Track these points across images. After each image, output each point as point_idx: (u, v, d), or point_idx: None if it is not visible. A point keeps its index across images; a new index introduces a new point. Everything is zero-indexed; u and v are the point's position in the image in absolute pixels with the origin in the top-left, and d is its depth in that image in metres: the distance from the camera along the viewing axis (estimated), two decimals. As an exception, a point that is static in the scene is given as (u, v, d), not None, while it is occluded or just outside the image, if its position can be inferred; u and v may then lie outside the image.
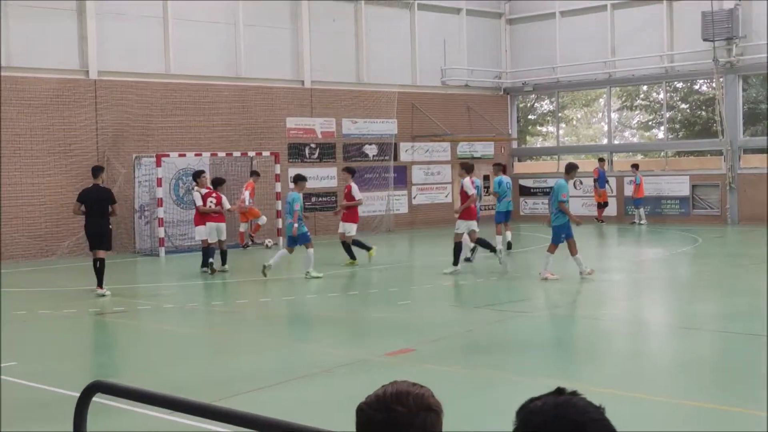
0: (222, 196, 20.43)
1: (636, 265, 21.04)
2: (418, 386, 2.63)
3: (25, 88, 24.18)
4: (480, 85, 35.65)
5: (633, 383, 9.41)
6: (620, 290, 17.21)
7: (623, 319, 13.97)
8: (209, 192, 20.23)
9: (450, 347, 11.53)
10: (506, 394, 8.79)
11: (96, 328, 13.97)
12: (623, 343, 12.09)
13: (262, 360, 11.07)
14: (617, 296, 16.45)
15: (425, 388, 2.63)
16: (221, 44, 28.40)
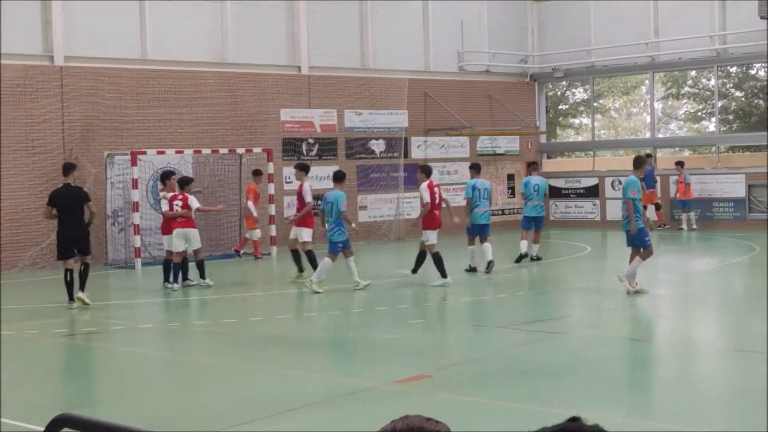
0: (189, 196, 20.25)
1: (683, 278, 21.00)
2: (433, 422, 2.63)
3: (-20, 77, 24.25)
4: (503, 70, 35.65)
5: (679, 415, 9.38)
6: (664, 307, 17.16)
7: (668, 340, 13.94)
8: (175, 195, 20.19)
9: (469, 374, 11.52)
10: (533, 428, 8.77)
11: (63, 351, 13.99)
12: (668, 369, 12.06)
13: (251, 389, 11.06)
14: (661, 314, 16.41)
15: (441, 424, 2.63)
16: (205, 25, 28.45)
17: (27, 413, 9.82)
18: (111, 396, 10.95)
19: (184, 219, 20.09)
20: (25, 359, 13.39)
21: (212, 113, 28.12)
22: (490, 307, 17.27)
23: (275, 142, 29.27)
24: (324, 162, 30.57)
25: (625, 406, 9.97)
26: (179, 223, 20.03)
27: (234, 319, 16.41)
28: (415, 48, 33.17)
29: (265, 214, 27.62)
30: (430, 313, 16.73)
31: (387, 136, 32.13)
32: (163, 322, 16.65)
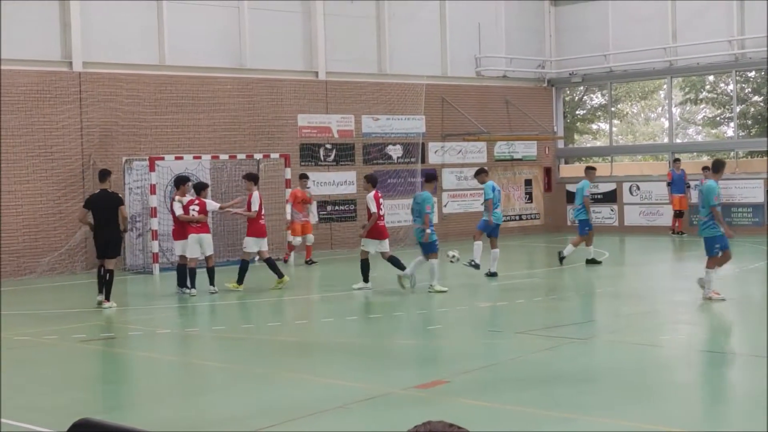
0: (206, 201, 20.37)
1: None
2: (455, 427, 2.60)
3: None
4: (520, 75, 35.60)
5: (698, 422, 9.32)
6: (684, 312, 17.08)
7: (686, 346, 13.87)
8: (191, 200, 20.20)
9: (489, 379, 11.47)
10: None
11: (81, 356, 14.01)
12: (686, 375, 11.99)
13: (269, 395, 11.05)
14: (681, 319, 16.33)
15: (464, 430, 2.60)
16: (222, 31, 28.50)
17: (45, 418, 9.84)
18: (130, 401, 10.96)
19: (199, 224, 20.09)
20: (43, 364, 13.42)
21: (230, 119, 28.15)
22: (508, 313, 17.21)
23: (293, 147, 29.28)
24: (341, 168, 30.57)
25: (644, 412, 9.90)
26: (195, 229, 20.01)
27: (251, 324, 16.41)
28: (432, 53, 33.16)
29: (281, 219, 27.64)
30: (447, 319, 16.68)
31: (404, 142, 32.11)
32: (181, 328, 16.67)
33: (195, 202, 20.10)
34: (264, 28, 29.10)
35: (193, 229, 20.02)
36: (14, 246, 24.47)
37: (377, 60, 31.90)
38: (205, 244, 20.11)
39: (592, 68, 35.44)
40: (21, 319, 17.72)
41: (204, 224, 20.23)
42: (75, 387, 11.84)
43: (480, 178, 22.30)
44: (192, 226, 20.02)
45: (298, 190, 25.96)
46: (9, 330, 15.99)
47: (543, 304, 17.90)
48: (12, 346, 14.67)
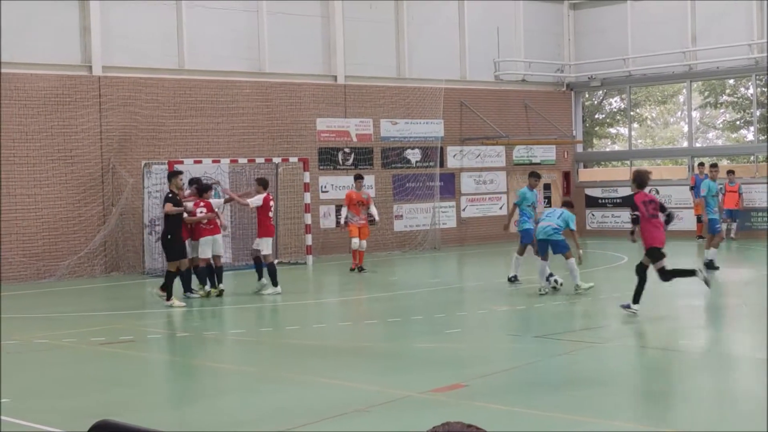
0: (210, 201, 20.37)
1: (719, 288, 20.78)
2: (474, 428, 2.59)
3: (19, 87, 24.46)
4: (539, 79, 35.56)
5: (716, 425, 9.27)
6: (702, 317, 17.01)
7: (704, 350, 13.81)
8: (197, 203, 20.12)
9: (506, 383, 11.45)
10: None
11: (100, 359, 14.04)
12: (705, 380, 11.93)
13: (287, 397, 11.05)
14: (698, 324, 16.26)
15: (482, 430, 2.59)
16: (242, 35, 28.57)
17: (65, 420, 9.86)
18: (149, 403, 10.97)
19: (211, 226, 20.07)
20: (62, 367, 13.46)
21: (249, 123, 28.21)
22: (527, 317, 17.17)
23: (311, 151, 29.31)
24: (360, 171, 30.51)
25: (662, 416, 9.86)
26: (207, 231, 19.99)
27: (270, 327, 16.43)
28: (451, 57, 33.15)
29: (300, 223, 27.70)
30: (466, 322, 16.65)
31: (423, 146, 32.11)
32: (200, 331, 16.69)
33: (201, 204, 20.07)
34: (283, 32, 29.15)
35: (207, 231, 19.98)
36: (34, 249, 24.57)
37: (396, 64, 31.91)
38: (216, 244, 20.10)
39: (611, 72, 35.37)
40: (40, 321, 17.80)
41: (215, 226, 20.18)
42: (94, 389, 11.86)
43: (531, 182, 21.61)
44: (205, 228, 20.00)
45: (353, 192, 25.32)
46: (28, 333, 16.07)
47: (561, 308, 17.84)
48: (31, 348, 14.73)
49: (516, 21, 34.79)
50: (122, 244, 25.58)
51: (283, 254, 27.77)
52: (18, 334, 15.93)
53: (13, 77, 24.42)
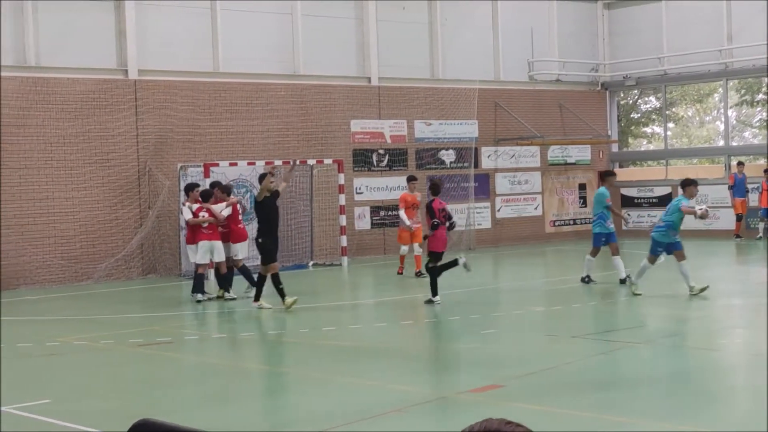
0: (212, 207, 20.20)
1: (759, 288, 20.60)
2: (513, 425, 2.57)
3: (56, 91, 24.64)
4: (573, 79, 35.41)
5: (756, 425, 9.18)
6: (740, 317, 16.87)
7: (742, 350, 13.69)
8: (199, 208, 20.11)
9: (544, 383, 11.39)
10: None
11: (138, 361, 14.12)
12: (743, 380, 11.83)
13: (325, 398, 11.06)
14: (737, 324, 16.13)
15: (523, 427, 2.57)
16: (276, 38, 28.63)
17: (104, 420, 9.92)
18: (187, 404, 11.01)
19: (210, 231, 20.01)
20: (101, 368, 13.54)
21: (283, 125, 28.26)
22: (564, 317, 17.09)
23: (346, 153, 29.33)
24: (394, 173, 30.55)
25: (700, 416, 9.79)
26: (205, 236, 19.95)
27: (306, 329, 16.43)
28: (485, 57, 33.07)
29: (335, 224, 27.73)
30: (502, 323, 16.60)
31: (457, 146, 32.04)
32: (236, 332, 16.73)
33: (203, 210, 20.05)
34: (317, 35, 29.18)
35: (204, 235, 19.94)
36: (72, 252, 24.74)
37: (430, 65, 31.87)
38: (216, 250, 20.04)
39: (646, 71, 35.15)
40: (79, 324, 17.92)
41: (215, 231, 20.10)
42: (133, 390, 11.93)
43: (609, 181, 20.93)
44: (203, 232, 19.97)
45: (408, 194, 24.01)
46: (68, 335, 16.19)
47: (599, 308, 17.76)
48: (71, 350, 14.83)
49: (550, 21, 34.65)
50: (159, 247, 25.70)
51: (318, 256, 27.81)
52: (58, 336, 16.05)
53: (51, 81, 24.61)
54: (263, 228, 18.33)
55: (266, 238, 18.31)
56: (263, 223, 18.33)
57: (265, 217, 18.34)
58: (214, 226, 20.08)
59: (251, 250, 21.71)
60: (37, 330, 17.35)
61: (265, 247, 18.29)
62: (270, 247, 18.32)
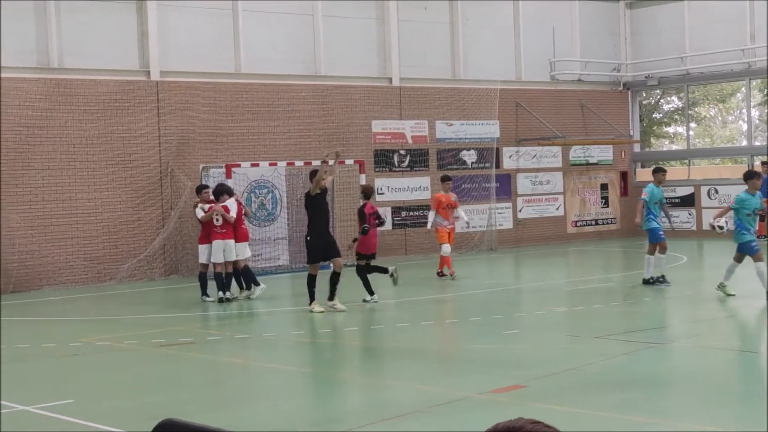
0: (226, 205, 20.13)
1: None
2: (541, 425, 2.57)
3: (78, 92, 24.75)
4: (595, 79, 35.32)
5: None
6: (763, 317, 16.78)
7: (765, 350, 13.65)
8: (211, 207, 20.11)
9: (566, 384, 11.38)
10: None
11: (161, 361, 14.17)
12: None
13: (346, 398, 11.08)
14: (759, 324, 16.04)
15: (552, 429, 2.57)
16: (297, 39, 28.68)
17: (127, 420, 9.96)
18: (211, 404, 11.04)
19: (224, 230, 20.03)
20: (124, 368, 13.60)
21: (304, 125, 28.30)
22: (586, 318, 17.05)
23: (367, 153, 29.35)
24: (415, 173, 30.56)
25: (723, 416, 9.75)
26: (219, 235, 19.96)
27: (328, 329, 16.46)
28: (506, 57, 33.01)
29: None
30: (524, 324, 16.58)
31: (478, 147, 32.01)
32: (259, 333, 16.77)
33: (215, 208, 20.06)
34: (338, 35, 29.22)
35: (218, 235, 19.97)
36: (95, 253, 24.85)
37: (451, 65, 31.85)
38: (228, 249, 20.03)
39: (668, 71, 35.02)
40: (102, 324, 18.01)
41: (228, 230, 20.10)
42: (156, 390, 11.98)
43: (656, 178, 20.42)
44: (217, 231, 20.00)
45: (442, 195, 23.63)
46: (91, 335, 16.26)
47: (620, 309, 17.71)
48: (94, 350, 14.91)
49: (572, 21, 34.57)
50: (181, 247, 25.78)
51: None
52: (81, 336, 16.13)
53: (73, 83, 24.72)
54: (315, 226, 17.92)
55: (314, 237, 17.85)
56: (315, 220, 17.94)
57: (317, 214, 17.95)
58: (228, 225, 20.09)
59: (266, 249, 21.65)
60: (60, 330, 17.45)
61: (311, 246, 17.88)
62: (316, 246, 17.83)
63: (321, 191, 17.94)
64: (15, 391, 11.76)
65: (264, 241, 26.48)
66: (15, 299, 22.41)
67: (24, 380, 12.78)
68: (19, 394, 11.48)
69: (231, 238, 20.10)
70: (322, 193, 18.00)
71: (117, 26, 25.67)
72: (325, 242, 18.01)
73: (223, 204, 20.07)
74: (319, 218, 18.00)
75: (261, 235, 26.48)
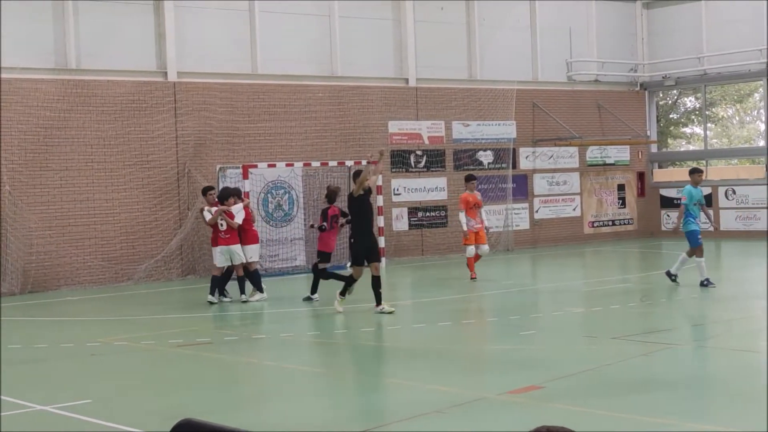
0: (230, 210, 20.04)
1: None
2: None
3: (96, 93, 24.84)
4: (612, 79, 35.24)
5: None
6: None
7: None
8: (217, 210, 20.08)
9: (584, 385, 11.36)
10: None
11: (179, 361, 14.20)
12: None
13: (363, 399, 11.08)
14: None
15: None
16: (314, 39, 28.70)
17: (145, 421, 9.99)
18: (229, 404, 11.06)
19: (228, 235, 19.92)
20: (141, 368, 13.64)
21: (321, 126, 28.32)
22: (603, 318, 17.01)
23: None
24: (432, 174, 30.55)
25: (741, 418, 9.71)
26: (223, 240, 19.90)
27: (345, 330, 16.47)
28: (523, 58, 32.98)
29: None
30: (541, 324, 16.56)
31: (495, 147, 31.98)
32: (276, 333, 16.79)
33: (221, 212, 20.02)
34: (354, 36, 29.24)
35: (222, 240, 19.91)
36: (112, 253, 24.93)
37: (467, 65, 31.83)
38: (234, 254, 19.95)
39: (685, 71, 34.92)
40: (119, 324, 18.06)
41: (233, 235, 19.98)
42: (173, 390, 12.00)
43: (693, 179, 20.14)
44: (221, 237, 19.93)
45: (468, 194, 23.04)
46: (107, 335, 16.32)
47: (638, 310, 17.66)
48: (111, 350, 14.95)
49: (588, 21, 34.50)
50: (198, 248, 25.83)
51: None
52: (98, 336, 16.18)
53: (91, 84, 24.81)
54: (358, 227, 17.50)
55: (360, 239, 17.43)
56: (358, 221, 17.50)
57: (361, 215, 17.48)
58: (232, 230, 19.97)
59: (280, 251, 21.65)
60: (78, 330, 17.51)
61: (355, 248, 17.50)
62: (360, 247, 17.40)
63: (364, 192, 17.47)
64: (33, 390, 11.81)
65: (280, 242, 26.52)
66: (33, 299, 22.52)
67: (42, 380, 12.84)
68: (37, 394, 11.53)
69: (236, 243, 19.98)
70: (365, 194, 17.49)
71: (134, 27, 25.76)
72: (370, 244, 17.60)
73: (227, 209, 19.98)
74: (362, 219, 17.50)
75: (277, 236, 26.51)
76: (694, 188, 19.91)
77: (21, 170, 23.82)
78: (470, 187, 23.18)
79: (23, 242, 23.68)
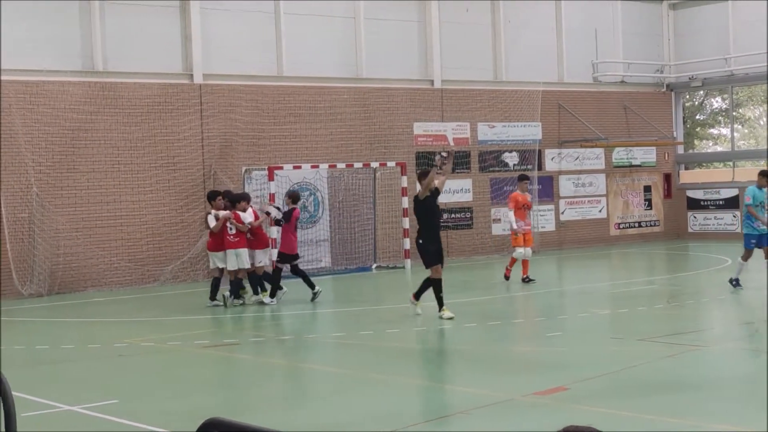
0: (239, 213, 19.92)
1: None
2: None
3: (122, 95, 24.97)
4: (638, 80, 35.12)
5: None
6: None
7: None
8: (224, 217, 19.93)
9: (610, 386, 11.33)
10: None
11: (205, 362, 14.26)
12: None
13: (388, 399, 11.09)
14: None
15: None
16: (339, 41, 28.75)
17: (171, 421, 10.04)
18: (255, 404, 11.09)
19: (236, 239, 19.83)
20: (168, 369, 13.70)
21: (346, 128, 28.36)
22: (629, 320, 16.95)
23: (409, 155, 29.36)
24: (457, 175, 30.50)
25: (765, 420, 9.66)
26: (232, 244, 19.79)
27: (370, 331, 16.48)
28: (548, 59, 32.92)
29: (398, 227, 27.75)
30: (567, 326, 16.52)
31: (520, 149, 31.93)
32: (301, 334, 16.83)
33: (230, 216, 19.96)
34: (380, 38, 29.27)
35: (231, 244, 19.81)
36: (138, 255, 25.05)
37: (493, 67, 31.80)
38: (241, 258, 19.89)
39: (712, 72, 34.76)
40: (146, 325, 18.15)
41: (242, 238, 19.89)
42: (200, 391, 12.05)
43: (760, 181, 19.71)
44: (229, 240, 19.82)
45: (519, 194, 22.50)
46: (135, 336, 16.39)
47: (664, 311, 17.59)
48: (138, 351, 15.02)
49: (614, 22, 34.40)
50: (224, 250, 25.86)
51: (382, 258, 27.89)
52: (125, 337, 16.26)
53: (118, 86, 24.95)
54: (425, 229, 17.26)
55: (427, 241, 17.21)
56: (425, 223, 17.28)
57: (427, 217, 17.28)
58: (241, 233, 19.89)
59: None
60: (105, 331, 17.61)
61: (426, 250, 17.23)
62: (430, 249, 17.17)
63: (431, 193, 17.32)
64: (60, 391, 11.90)
65: (306, 243, 26.56)
66: (60, 300, 22.67)
67: (69, 380, 12.92)
68: (64, 395, 11.61)
69: (243, 246, 19.90)
70: (432, 196, 17.32)
71: (161, 30, 25.88)
72: (439, 246, 17.40)
73: (229, 215, 19.92)
74: (429, 221, 17.29)
75: (303, 237, 26.55)
76: (759, 190, 19.52)
77: (48, 172, 23.98)
78: (522, 187, 22.63)
79: (51, 244, 23.83)
